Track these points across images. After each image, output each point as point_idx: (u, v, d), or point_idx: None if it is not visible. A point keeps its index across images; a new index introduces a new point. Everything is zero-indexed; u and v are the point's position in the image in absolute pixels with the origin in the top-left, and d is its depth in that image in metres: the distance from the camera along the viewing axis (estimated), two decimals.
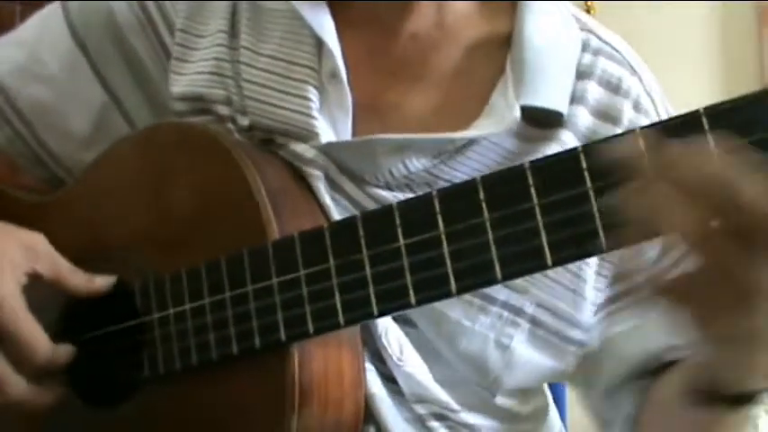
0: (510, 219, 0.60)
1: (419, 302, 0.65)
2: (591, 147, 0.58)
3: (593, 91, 0.80)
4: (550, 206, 0.59)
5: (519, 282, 0.76)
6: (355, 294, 0.67)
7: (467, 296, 0.75)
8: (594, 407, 0.86)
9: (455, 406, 0.78)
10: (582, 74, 0.80)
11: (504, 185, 0.61)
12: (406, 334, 0.77)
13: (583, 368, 0.82)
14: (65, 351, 0.78)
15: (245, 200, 0.74)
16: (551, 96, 0.77)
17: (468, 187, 0.63)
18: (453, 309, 0.76)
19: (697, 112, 0.55)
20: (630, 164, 0.55)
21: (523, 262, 0.60)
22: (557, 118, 0.78)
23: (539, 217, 0.59)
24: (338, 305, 0.68)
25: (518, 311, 0.77)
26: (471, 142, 0.77)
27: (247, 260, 0.72)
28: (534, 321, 0.77)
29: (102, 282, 0.80)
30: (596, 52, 0.82)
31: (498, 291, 0.76)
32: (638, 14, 2.73)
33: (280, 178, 0.78)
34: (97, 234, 0.85)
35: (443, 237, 0.63)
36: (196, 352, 0.74)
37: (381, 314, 0.67)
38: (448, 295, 0.64)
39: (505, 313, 0.77)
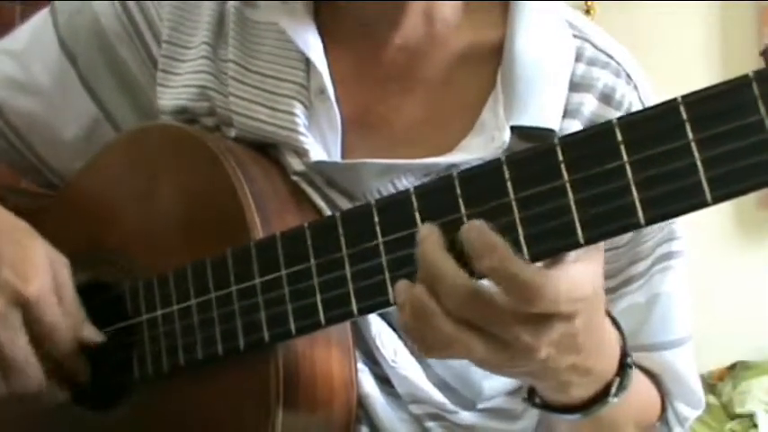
0: (487, 214, 0.60)
1: None
2: (568, 140, 0.58)
3: (588, 103, 0.78)
4: (527, 200, 0.58)
5: None
6: (335, 293, 0.67)
7: None
8: None
9: (451, 407, 0.78)
10: (576, 86, 0.79)
11: (480, 180, 0.61)
12: (399, 337, 0.77)
13: None
14: (83, 366, 0.79)
15: (229, 201, 0.74)
16: (543, 114, 0.76)
17: (445, 183, 0.62)
18: None
19: (675, 100, 0.54)
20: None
21: None
22: (548, 134, 0.76)
23: (516, 211, 0.59)
24: (319, 304, 0.68)
25: None
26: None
27: (231, 261, 0.72)
28: None
29: (91, 332, 0.80)
30: (591, 62, 0.80)
31: None
32: (638, 14, 2.73)
33: (267, 178, 0.78)
34: (88, 237, 0.85)
35: None
36: (183, 352, 0.75)
37: (361, 312, 0.67)
38: None
39: None
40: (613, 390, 0.69)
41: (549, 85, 0.77)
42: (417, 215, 0.63)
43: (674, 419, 0.84)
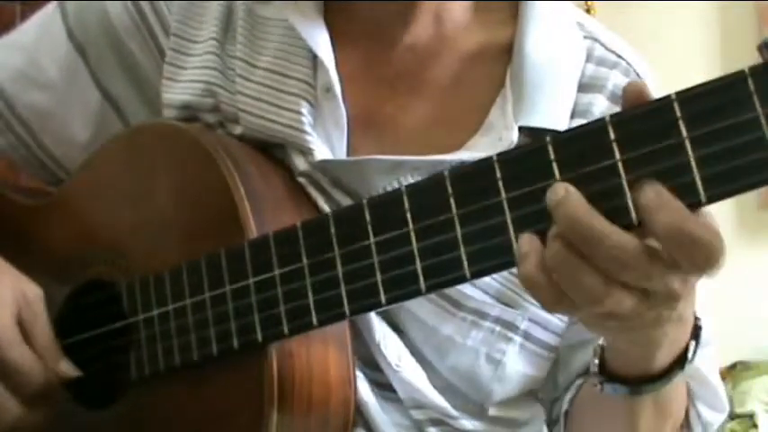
0: (478, 214, 0.59)
1: (389, 301, 0.64)
2: (559, 138, 0.57)
3: (599, 104, 0.78)
4: (518, 200, 0.58)
5: (512, 296, 0.76)
6: (328, 294, 0.67)
7: (460, 312, 0.76)
8: (549, 408, 0.86)
9: (453, 412, 0.78)
10: (585, 86, 0.79)
11: (471, 179, 0.60)
12: (403, 342, 0.77)
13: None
14: (59, 379, 0.78)
15: (223, 199, 0.74)
16: (551, 114, 0.76)
17: (436, 182, 0.62)
18: (446, 325, 0.76)
19: (668, 97, 0.54)
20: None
21: (492, 258, 0.59)
22: None
23: (507, 211, 0.58)
24: (311, 305, 0.67)
25: (510, 326, 0.76)
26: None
27: (225, 260, 0.72)
28: (526, 336, 0.77)
29: (67, 368, 0.79)
30: (600, 62, 0.80)
31: (491, 306, 0.76)
32: (638, 14, 2.73)
33: (263, 177, 0.77)
34: (86, 236, 0.85)
35: (412, 234, 0.62)
36: (178, 353, 0.75)
37: (353, 313, 0.66)
38: (417, 293, 0.63)
39: (498, 328, 0.76)
40: (690, 354, 0.67)
41: (558, 86, 0.77)
42: (409, 214, 0.63)
43: (695, 421, 0.81)
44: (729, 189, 0.52)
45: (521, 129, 0.75)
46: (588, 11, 2.72)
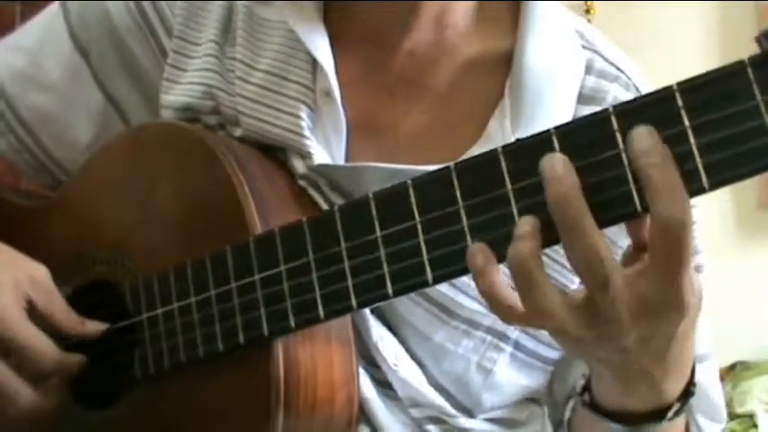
0: (484, 205, 0.60)
1: (396, 293, 0.65)
2: (562, 129, 0.58)
3: None
4: (524, 191, 0.59)
5: None
6: (334, 287, 0.67)
7: (453, 321, 0.76)
8: (551, 412, 0.86)
9: (452, 411, 0.78)
10: (585, 98, 0.79)
11: (477, 171, 0.61)
12: (399, 342, 0.77)
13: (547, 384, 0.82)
14: (76, 360, 0.78)
15: (228, 198, 0.74)
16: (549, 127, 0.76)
17: (442, 175, 0.62)
18: (438, 332, 0.76)
19: (670, 87, 0.55)
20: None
21: (498, 249, 0.60)
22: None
23: (513, 202, 0.59)
24: (318, 298, 0.68)
25: (502, 336, 0.77)
26: None
27: (230, 257, 0.72)
28: (517, 346, 0.78)
29: (93, 327, 0.80)
30: (600, 75, 0.80)
31: (483, 316, 0.76)
32: (637, 14, 2.73)
33: (266, 177, 0.78)
34: (88, 236, 0.85)
35: (419, 226, 0.63)
36: (184, 350, 0.75)
37: (360, 306, 0.67)
38: (424, 285, 0.63)
39: (489, 338, 0.77)
40: (670, 414, 0.67)
41: (556, 98, 0.77)
42: (415, 207, 0.63)
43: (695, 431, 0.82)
44: (731, 175, 0.53)
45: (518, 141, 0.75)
46: (588, 11, 2.71)
